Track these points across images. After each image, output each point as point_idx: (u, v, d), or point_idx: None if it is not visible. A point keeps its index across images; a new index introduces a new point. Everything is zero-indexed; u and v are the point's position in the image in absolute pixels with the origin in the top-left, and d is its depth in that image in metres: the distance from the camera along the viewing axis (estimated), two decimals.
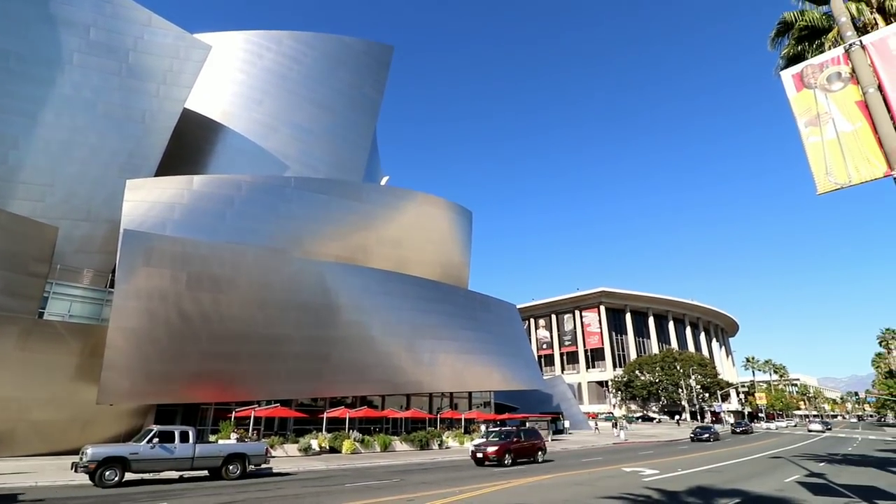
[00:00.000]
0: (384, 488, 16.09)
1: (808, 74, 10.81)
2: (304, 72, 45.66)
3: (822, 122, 10.15)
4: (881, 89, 9.34)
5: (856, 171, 9.53)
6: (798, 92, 10.87)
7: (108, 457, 16.09)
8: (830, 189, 10.01)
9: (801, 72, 10.90)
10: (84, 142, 32.07)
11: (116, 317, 24.88)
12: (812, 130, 10.32)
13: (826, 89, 10.53)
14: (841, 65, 10.33)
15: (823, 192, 10.22)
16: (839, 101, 10.24)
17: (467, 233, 48.86)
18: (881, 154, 9.17)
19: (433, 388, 40.05)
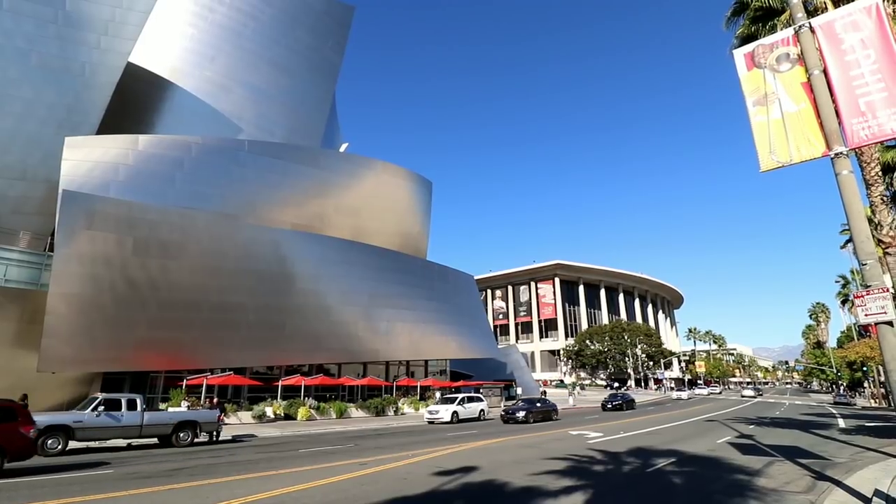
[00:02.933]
0: (338, 453, 16.49)
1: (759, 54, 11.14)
2: (260, 29, 43.44)
3: (769, 101, 10.54)
4: (825, 72, 9.80)
5: (797, 150, 10.00)
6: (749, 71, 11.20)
7: (50, 425, 15.83)
8: (773, 167, 10.44)
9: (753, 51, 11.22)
10: (17, 95, 29.74)
11: (57, 282, 23.88)
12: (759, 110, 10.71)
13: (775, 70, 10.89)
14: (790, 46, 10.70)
15: (766, 170, 10.66)
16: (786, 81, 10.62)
17: (427, 203, 48.89)
18: (821, 135, 9.68)
19: (390, 357, 40.74)
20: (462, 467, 12.81)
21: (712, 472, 12.43)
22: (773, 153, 10.63)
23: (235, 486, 10.68)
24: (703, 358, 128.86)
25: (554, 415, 31.57)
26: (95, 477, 12.08)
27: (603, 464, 13.63)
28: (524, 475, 11.64)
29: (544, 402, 32.54)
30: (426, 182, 48.91)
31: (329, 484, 10.90)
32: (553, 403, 33.45)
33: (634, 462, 13.90)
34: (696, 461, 14.13)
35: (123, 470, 13.16)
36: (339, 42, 47.32)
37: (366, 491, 10.15)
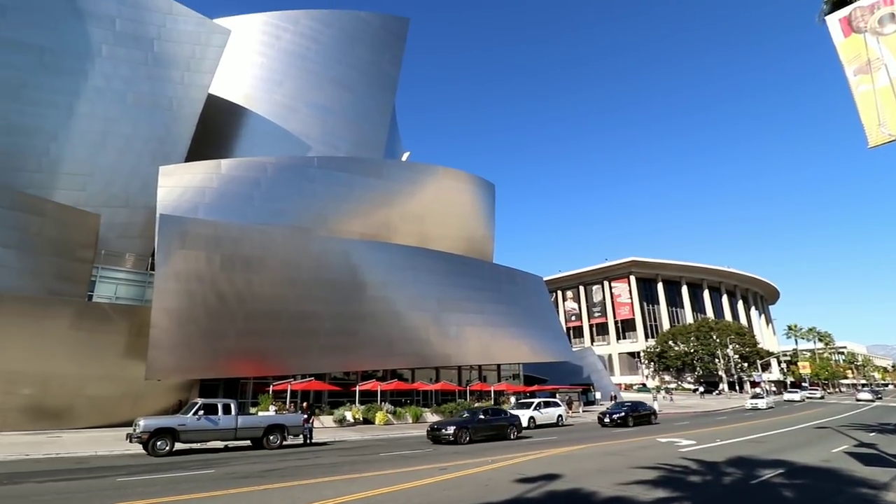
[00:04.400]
0: (418, 457, 16.59)
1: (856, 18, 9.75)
2: (322, 51, 45.60)
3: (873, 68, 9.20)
4: None
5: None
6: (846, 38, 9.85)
7: (159, 428, 17.26)
8: (884, 141, 9.07)
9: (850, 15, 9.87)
10: (118, 131, 33.22)
11: (158, 298, 26.22)
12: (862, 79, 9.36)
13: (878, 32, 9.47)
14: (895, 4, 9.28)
15: (875, 145, 9.28)
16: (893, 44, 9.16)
17: (490, 206, 48.64)
18: None
19: (461, 361, 40.75)
20: (544, 475, 12.41)
21: (829, 484, 11.12)
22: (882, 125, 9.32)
23: (322, 488, 11.02)
24: (808, 358, 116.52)
25: (653, 418, 30.93)
26: (199, 476, 12.97)
27: (699, 474, 12.63)
28: (612, 485, 11.05)
29: (643, 406, 31.92)
30: (489, 185, 48.71)
31: (412, 488, 10.96)
32: (651, 407, 32.75)
33: (735, 473, 12.76)
34: (809, 472, 12.77)
35: (223, 470, 14.04)
36: (396, 55, 48.52)
37: (449, 496, 10.08)
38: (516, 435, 23.14)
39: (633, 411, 30.16)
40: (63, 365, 24.08)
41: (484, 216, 47.60)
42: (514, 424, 23.49)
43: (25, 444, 18.68)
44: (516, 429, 23.44)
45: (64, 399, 24.17)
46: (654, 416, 31.67)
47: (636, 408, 31.38)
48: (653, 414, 31.60)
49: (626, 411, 29.86)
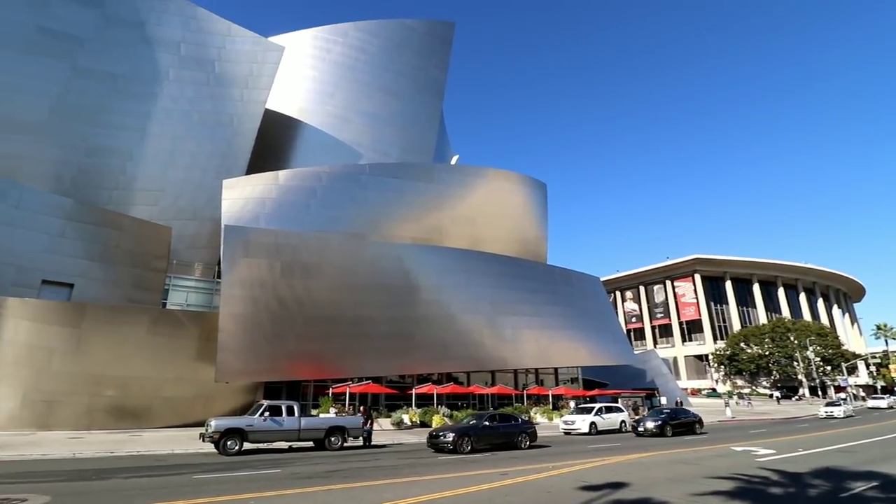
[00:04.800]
0: (476, 462, 16.32)
1: None
2: (370, 60, 46.66)
3: None
4: None
5: None
6: None
7: (229, 428, 17.99)
8: None
9: None
10: (184, 149, 35.46)
11: (225, 304, 27.53)
12: None
13: None
14: None
15: None
16: None
17: (543, 206, 47.69)
18: None
19: (517, 365, 40.05)
20: (610, 483, 11.73)
21: None
22: None
23: (383, 490, 11.00)
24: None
25: (698, 427, 27.87)
26: (267, 476, 13.33)
27: (781, 486, 11.51)
28: (685, 495, 10.24)
29: (685, 413, 29.24)
30: (540, 185, 47.81)
31: (473, 493, 10.69)
32: (695, 414, 29.82)
33: (823, 485, 11.53)
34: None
35: (288, 470, 14.37)
36: (443, 59, 48.83)
37: (510, 502, 9.72)
38: (528, 444, 20.59)
39: (671, 419, 27.15)
40: (141, 368, 25.77)
41: (536, 216, 46.73)
42: (525, 432, 20.90)
43: (111, 442, 20.04)
44: (528, 437, 20.83)
45: (143, 400, 25.85)
46: (699, 425, 28.36)
47: (676, 415, 28.20)
48: (697, 422, 28.38)
49: (664, 420, 26.85)
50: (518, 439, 20.46)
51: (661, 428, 25.99)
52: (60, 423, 23.75)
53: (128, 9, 35.51)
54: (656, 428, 25.77)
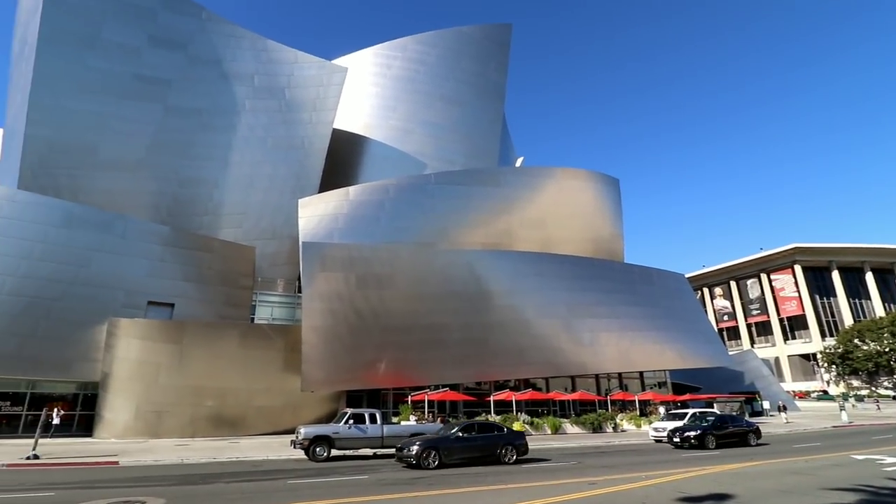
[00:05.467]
0: (562, 470, 15.71)
1: None
2: (429, 71, 47.41)
3: None
4: None
5: None
6: None
7: (317, 435, 18.67)
8: None
9: None
10: (262, 173, 37.84)
11: (307, 317, 28.78)
12: None
13: None
14: None
15: None
16: None
17: (616, 202, 45.62)
18: None
19: (597, 369, 38.31)
20: (712, 494, 10.65)
21: None
22: None
23: (470, 499, 10.80)
24: None
25: (753, 437, 23.54)
26: (355, 482, 13.57)
27: None
28: None
29: (735, 420, 24.85)
30: (612, 180, 45.83)
31: (562, 502, 10.12)
32: (750, 422, 25.34)
33: None
34: None
35: (374, 476, 14.54)
36: (501, 62, 48.54)
37: None
38: (516, 458, 17.56)
39: (715, 428, 22.95)
40: (235, 379, 27.52)
41: (610, 214, 44.79)
42: (511, 444, 17.75)
43: (212, 448, 21.47)
44: (516, 450, 17.73)
45: (238, 409, 27.55)
46: (755, 436, 23.82)
47: (723, 423, 23.73)
48: (752, 432, 23.86)
49: (706, 428, 22.69)
50: (501, 452, 17.37)
51: (702, 438, 22.06)
52: (168, 432, 25.87)
53: (207, 48, 38.71)
54: (696, 438, 21.95)
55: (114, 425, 25.98)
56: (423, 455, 15.74)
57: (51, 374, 26.20)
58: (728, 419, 24.43)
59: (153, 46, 36.72)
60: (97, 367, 26.49)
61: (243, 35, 40.36)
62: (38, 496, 11.27)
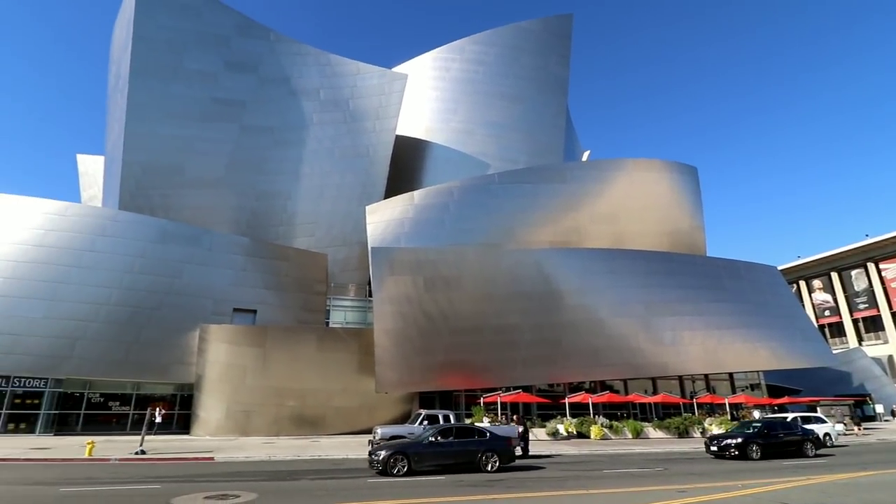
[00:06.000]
0: (647, 477, 14.80)
1: None
2: (488, 70, 47.16)
3: None
4: None
5: None
6: None
7: (393, 436, 18.89)
8: None
9: None
10: (331, 183, 39.33)
11: (378, 320, 29.39)
12: None
13: None
14: None
15: None
16: None
17: (695, 193, 42.76)
18: None
19: (681, 370, 35.91)
20: None
21: None
22: None
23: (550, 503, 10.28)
24: None
25: (810, 447, 20.58)
26: (433, 482, 13.51)
27: None
28: None
29: (787, 427, 21.43)
30: (689, 169, 43.04)
31: None
32: (809, 430, 22.11)
33: None
34: None
35: (452, 478, 14.37)
36: (563, 54, 47.28)
37: None
38: (497, 466, 15.75)
39: (761, 436, 19.87)
40: (313, 381, 28.64)
41: (688, 205, 42.07)
42: (494, 451, 15.98)
43: (296, 447, 22.37)
44: (498, 456, 15.94)
45: (317, 409, 28.62)
46: (812, 445, 20.73)
47: (771, 430, 20.47)
48: (808, 441, 20.76)
49: (749, 436, 19.81)
50: (481, 459, 15.68)
51: (744, 447, 19.16)
52: (256, 430, 27.37)
53: (275, 68, 40.96)
54: (737, 448, 19.18)
55: (208, 424, 27.90)
56: (390, 461, 14.42)
57: (152, 376, 28.64)
58: (779, 425, 21.40)
59: (228, 70, 39.41)
60: (192, 369, 28.60)
61: (308, 52, 42.32)
62: (148, 488, 12.16)
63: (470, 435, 16.46)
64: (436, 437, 15.83)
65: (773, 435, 20.21)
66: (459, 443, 16.00)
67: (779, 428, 20.93)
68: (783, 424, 21.65)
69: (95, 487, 12.21)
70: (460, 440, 16.10)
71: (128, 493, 11.56)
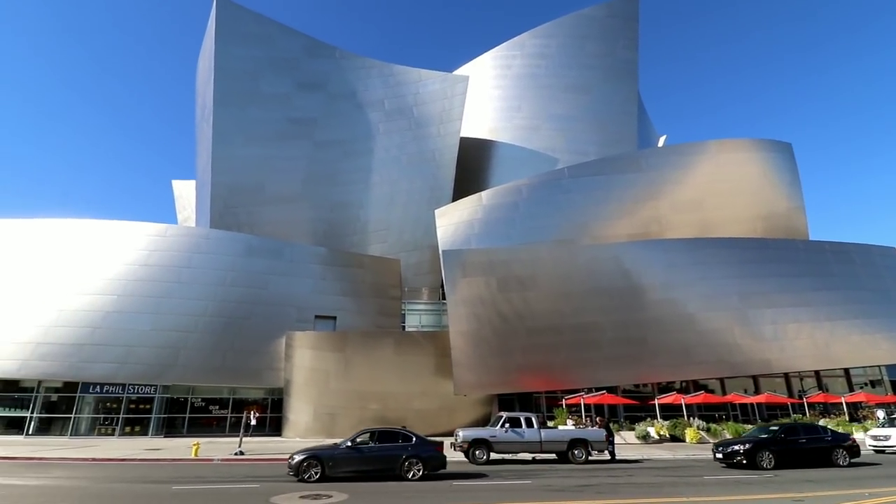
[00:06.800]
0: (756, 484, 13.43)
1: None
2: (551, 63, 45.95)
3: None
4: None
5: None
6: None
7: (476, 438, 18.67)
8: None
9: None
10: (400, 189, 40.09)
11: (453, 322, 29.34)
12: None
13: None
14: None
15: None
16: None
17: (791, 171, 38.78)
18: None
19: (786, 367, 32.54)
20: None
21: None
22: None
23: None
24: None
25: (843, 455, 17.48)
26: (520, 486, 13.11)
27: None
28: None
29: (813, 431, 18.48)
30: (782, 146, 39.14)
31: None
32: (843, 435, 18.82)
33: None
34: None
35: (538, 482, 13.87)
36: (631, 37, 44.99)
37: None
38: (421, 474, 14.31)
39: (775, 442, 17.15)
40: (393, 384, 29.12)
41: (784, 185, 38.24)
42: (418, 457, 14.54)
43: None
44: (423, 463, 14.48)
45: (399, 412, 29.02)
46: (845, 453, 17.57)
47: (790, 435, 17.69)
48: (840, 448, 17.60)
49: (760, 441, 17.17)
50: (404, 466, 14.39)
51: (752, 454, 16.59)
52: (342, 433, 28.09)
53: (342, 84, 42.59)
54: (745, 455, 16.63)
55: (297, 426, 29.26)
56: (302, 466, 13.69)
57: (246, 381, 30.54)
58: (800, 429, 18.58)
59: (299, 91, 41.53)
60: (280, 374, 30.16)
61: (371, 65, 43.62)
62: (248, 487, 12.83)
63: (394, 440, 15.24)
64: (354, 441, 14.81)
65: (792, 440, 17.64)
66: (379, 448, 14.81)
67: (801, 432, 18.22)
68: (807, 428, 18.95)
69: (203, 486, 13.05)
70: (381, 445, 14.92)
71: (231, 492, 12.22)
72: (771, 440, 17.31)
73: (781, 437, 17.54)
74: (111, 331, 28.61)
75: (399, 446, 14.92)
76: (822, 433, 18.46)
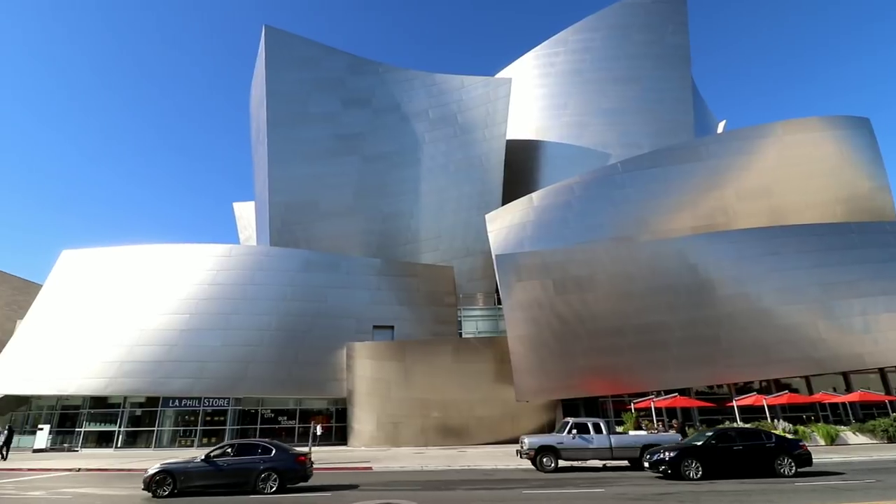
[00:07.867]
0: (856, 490, 12.34)
1: None
2: (596, 57, 44.74)
3: None
4: None
5: None
6: None
7: (542, 445, 18.09)
8: None
9: None
10: (449, 196, 40.17)
11: (510, 327, 28.86)
12: None
13: None
14: None
15: None
16: None
17: (871, 148, 35.50)
18: None
19: (882, 362, 29.62)
20: None
21: None
22: None
23: None
24: None
25: (787, 464, 15.28)
26: (593, 495, 12.51)
27: None
28: None
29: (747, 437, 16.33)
30: (859, 122, 35.97)
31: None
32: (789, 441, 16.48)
33: None
34: None
35: (612, 490, 13.20)
36: (680, 21, 43.07)
37: None
38: (276, 487, 13.55)
39: (704, 450, 15.42)
40: (453, 392, 28.95)
41: (864, 163, 35.07)
42: (274, 470, 13.70)
43: (445, 457, 22.61)
44: (279, 476, 13.69)
45: (460, 420, 28.83)
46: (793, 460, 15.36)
47: (724, 440, 15.87)
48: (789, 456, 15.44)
49: (688, 449, 15.49)
50: (259, 480, 13.57)
51: (677, 463, 14.93)
52: (405, 441, 28.40)
53: (386, 97, 43.41)
54: (670, 464, 14.99)
55: (361, 435, 29.68)
56: (154, 480, 13.21)
57: (310, 392, 31.40)
58: (735, 434, 16.41)
59: (346, 108, 42.72)
60: (343, 385, 30.78)
61: (414, 76, 44.21)
62: (320, 496, 13.01)
63: (252, 451, 14.36)
64: (209, 455, 14.02)
65: (724, 447, 15.72)
66: (235, 461, 13.99)
67: (735, 438, 16.15)
68: (744, 433, 16.85)
69: (279, 495, 13.37)
70: (237, 458, 14.08)
71: (306, 500, 12.43)
72: (701, 447, 15.75)
73: (713, 443, 15.91)
74: (186, 348, 30.33)
75: (255, 459, 14.12)
76: (765, 439, 16.35)
